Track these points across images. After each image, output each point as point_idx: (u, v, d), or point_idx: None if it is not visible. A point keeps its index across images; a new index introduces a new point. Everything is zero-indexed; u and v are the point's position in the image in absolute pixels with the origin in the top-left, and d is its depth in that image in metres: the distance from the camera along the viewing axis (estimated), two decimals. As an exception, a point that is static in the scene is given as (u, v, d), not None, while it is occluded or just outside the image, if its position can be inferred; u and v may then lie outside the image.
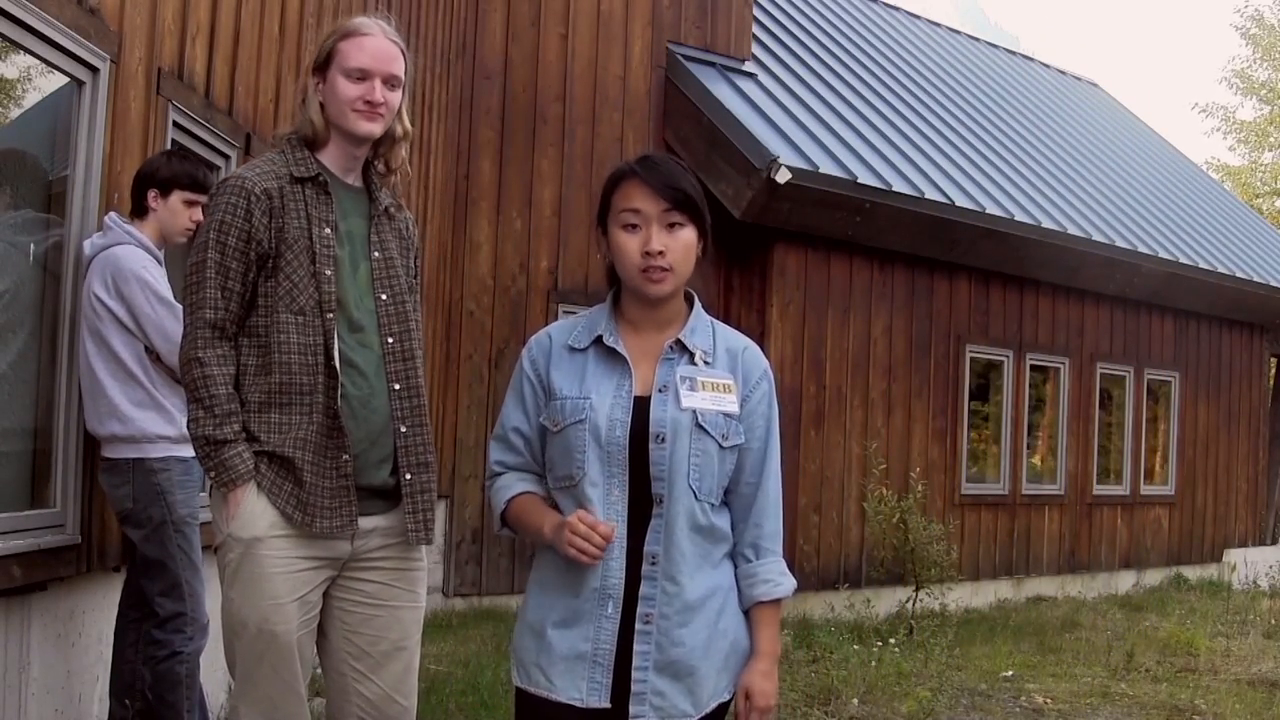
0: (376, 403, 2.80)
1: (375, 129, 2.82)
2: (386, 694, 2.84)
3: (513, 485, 2.48)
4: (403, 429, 2.82)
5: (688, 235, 2.39)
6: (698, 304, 2.51)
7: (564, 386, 2.42)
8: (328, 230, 2.77)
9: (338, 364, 2.74)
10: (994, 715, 6.53)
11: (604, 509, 2.35)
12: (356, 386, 2.77)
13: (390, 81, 2.81)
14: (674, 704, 2.36)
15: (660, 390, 2.38)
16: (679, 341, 2.43)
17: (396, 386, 2.82)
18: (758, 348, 2.53)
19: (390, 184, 2.97)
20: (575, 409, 2.38)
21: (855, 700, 6.44)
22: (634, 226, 2.38)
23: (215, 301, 2.71)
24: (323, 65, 2.82)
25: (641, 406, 2.37)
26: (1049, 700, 6.93)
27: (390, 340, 2.83)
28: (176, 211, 3.92)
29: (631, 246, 2.38)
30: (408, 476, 2.82)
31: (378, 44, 2.80)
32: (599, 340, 2.44)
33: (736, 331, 2.54)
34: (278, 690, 2.72)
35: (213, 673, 4.78)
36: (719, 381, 2.41)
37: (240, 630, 2.71)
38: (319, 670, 3.00)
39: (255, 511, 2.70)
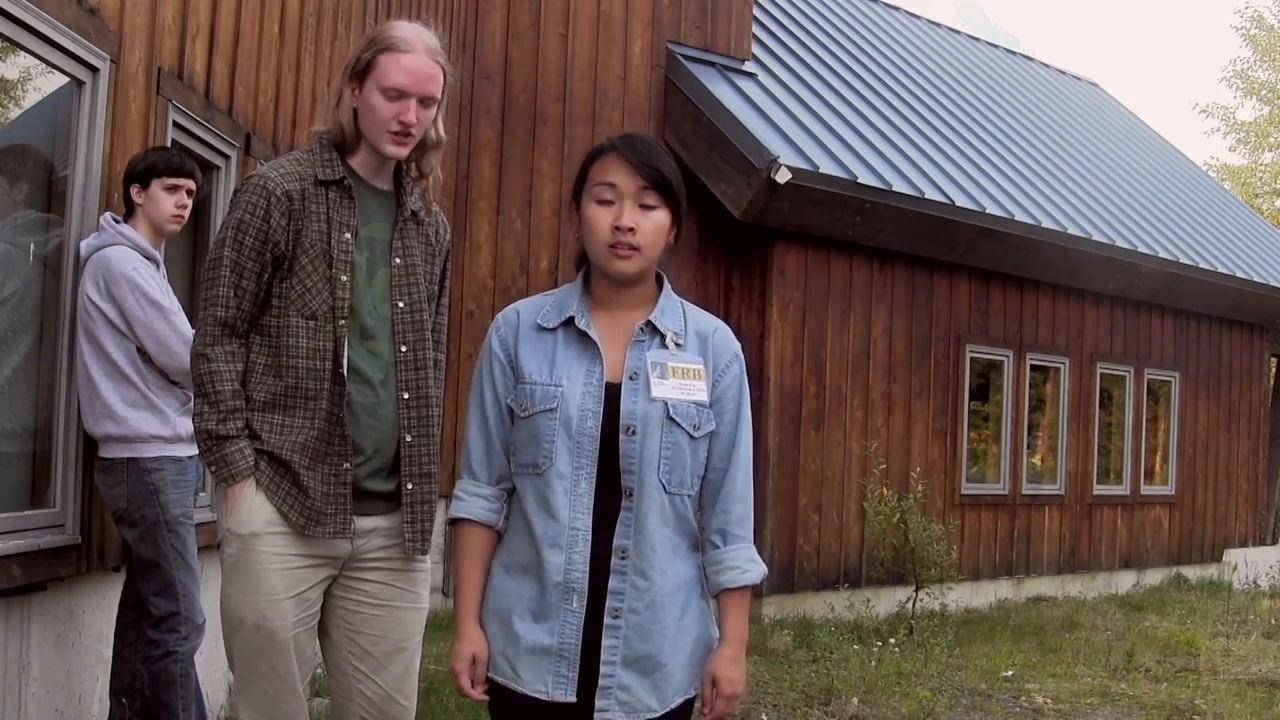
0: (383, 411, 2.78)
1: (403, 152, 2.78)
2: (388, 694, 2.84)
3: (469, 505, 2.47)
4: (408, 438, 2.80)
5: (660, 217, 2.36)
6: (667, 285, 2.47)
7: (533, 370, 2.38)
8: (347, 235, 2.74)
9: (345, 372, 2.72)
10: (994, 715, 6.53)
11: (570, 500, 2.32)
12: (362, 395, 2.75)
13: (426, 101, 2.77)
14: (639, 699, 2.34)
15: (631, 378, 2.35)
16: (650, 323, 2.39)
17: (406, 395, 2.80)
18: (728, 329, 2.48)
19: (423, 188, 2.92)
20: (545, 396, 2.34)
21: (855, 700, 6.44)
22: (608, 202, 2.35)
23: (228, 300, 2.71)
24: (360, 74, 2.75)
25: (613, 394, 2.34)
26: (1049, 700, 6.93)
27: (404, 349, 2.80)
28: (158, 200, 3.90)
29: (603, 221, 2.34)
30: (409, 486, 2.80)
31: (418, 63, 2.73)
32: (569, 321, 2.39)
33: (707, 313, 2.50)
34: (275, 687, 2.72)
35: (213, 672, 4.78)
36: (689, 367, 2.37)
37: (237, 626, 2.71)
38: (320, 671, 3.01)
39: (253, 508, 2.70)
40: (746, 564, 2.41)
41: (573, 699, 2.33)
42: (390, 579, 2.84)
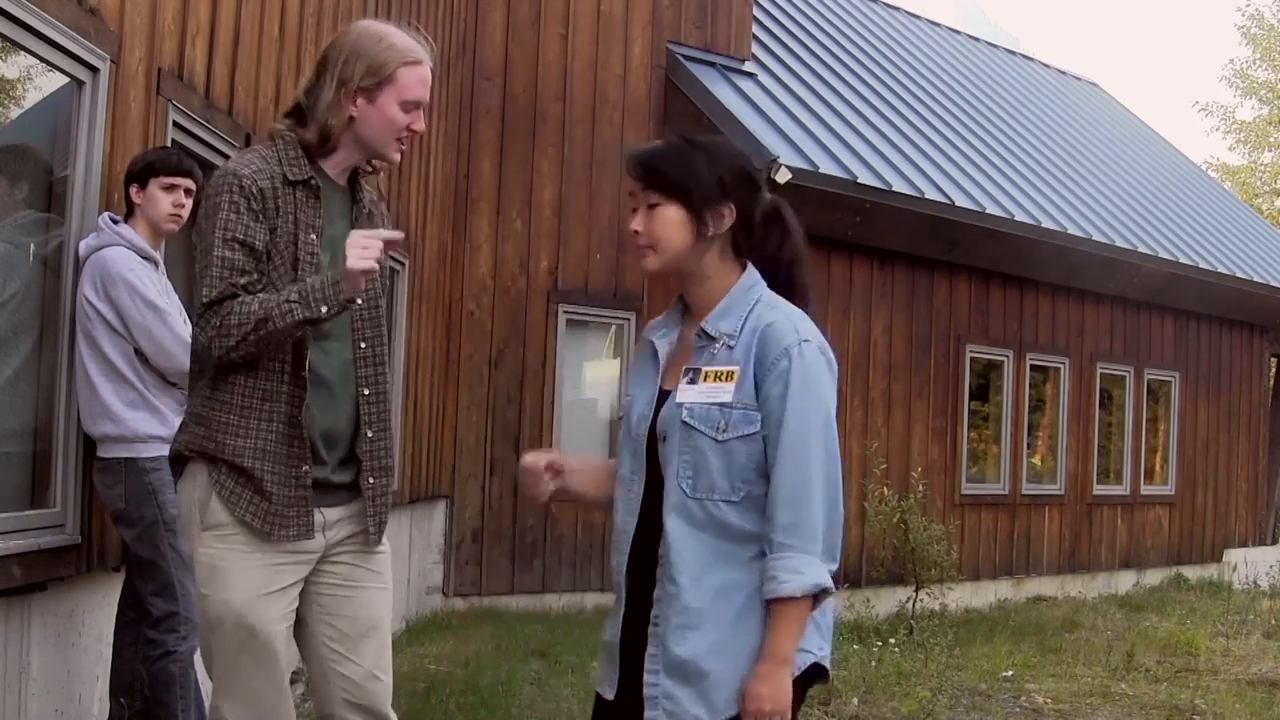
0: (339, 409, 2.79)
1: (398, 158, 2.87)
2: (368, 672, 2.86)
3: None
4: (369, 434, 2.83)
5: (666, 212, 2.39)
6: (743, 281, 2.44)
7: (628, 382, 2.54)
8: (313, 236, 2.74)
9: (307, 374, 2.72)
10: (994, 715, 6.53)
11: (624, 504, 2.42)
12: (318, 394, 2.75)
13: (424, 107, 2.84)
14: (685, 709, 2.29)
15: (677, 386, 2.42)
16: (702, 330, 2.40)
17: (366, 391, 2.82)
18: (784, 323, 2.36)
19: (374, 182, 2.97)
20: (624, 405, 2.51)
21: (855, 700, 6.44)
22: (634, 210, 2.46)
23: (220, 281, 2.64)
24: (374, 86, 2.74)
25: (663, 402, 2.42)
26: (1049, 700, 6.93)
27: (363, 345, 2.82)
28: (156, 199, 3.90)
29: (628, 228, 2.47)
30: (370, 480, 2.83)
31: (427, 74, 2.81)
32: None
33: (778, 307, 2.40)
34: (261, 684, 2.72)
35: (213, 673, 4.78)
36: (723, 370, 2.34)
37: (216, 626, 2.70)
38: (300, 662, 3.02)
39: (219, 512, 2.71)
40: (786, 574, 2.25)
41: (610, 696, 2.39)
42: (356, 560, 2.87)
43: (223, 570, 2.69)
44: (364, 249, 2.59)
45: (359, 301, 2.68)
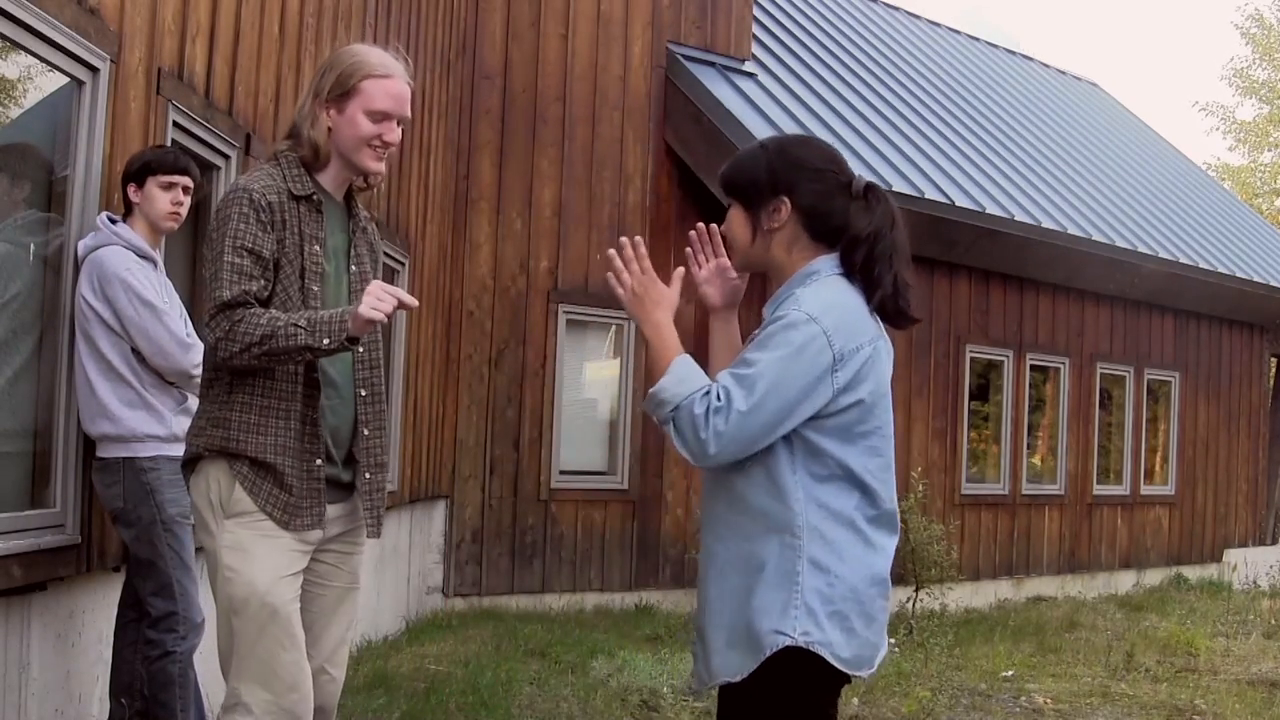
0: (344, 409, 2.98)
1: (383, 167, 2.98)
2: (319, 666, 2.98)
3: None
4: (365, 432, 3.00)
5: (732, 213, 2.55)
6: (804, 268, 2.48)
7: None
8: (317, 247, 2.91)
9: (319, 376, 2.89)
10: (994, 715, 6.53)
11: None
12: (327, 395, 2.93)
13: (401, 120, 2.97)
14: (700, 668, 2.46)
15: None
16: (763, 316, 2.51)
17: (363, 393, 3.00)
18: (795, 302, 2.41)
19: (366, 198, 3.13)
20: None
21: (855, 700, 6.44)
22: None
23: (232, 284, 2.76)
24: (341, 96, 2.91)
25: None
26: (1049, 700, 6.93)
27: (360, 349, 2.96)
28: (154, 197, 3.90)
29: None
30: (367, 476, 3.00)
31: (400, 88, 2.95)
32: None
33: (813, 289, 2.43)
34: (282, 663, 2.80)
35: (212, 671, 4.78)
36: (743, 356, 2.47)
37: (241, 607, 2.80)
38: None
39: (243, 499, 2.84)
40: (678, 385, 2.35)
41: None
42: (335, 560, 3.02)
43: (250, 552, 2.81)
44: (379, 301, 2.71)
45: (360, 346, 2.84)
